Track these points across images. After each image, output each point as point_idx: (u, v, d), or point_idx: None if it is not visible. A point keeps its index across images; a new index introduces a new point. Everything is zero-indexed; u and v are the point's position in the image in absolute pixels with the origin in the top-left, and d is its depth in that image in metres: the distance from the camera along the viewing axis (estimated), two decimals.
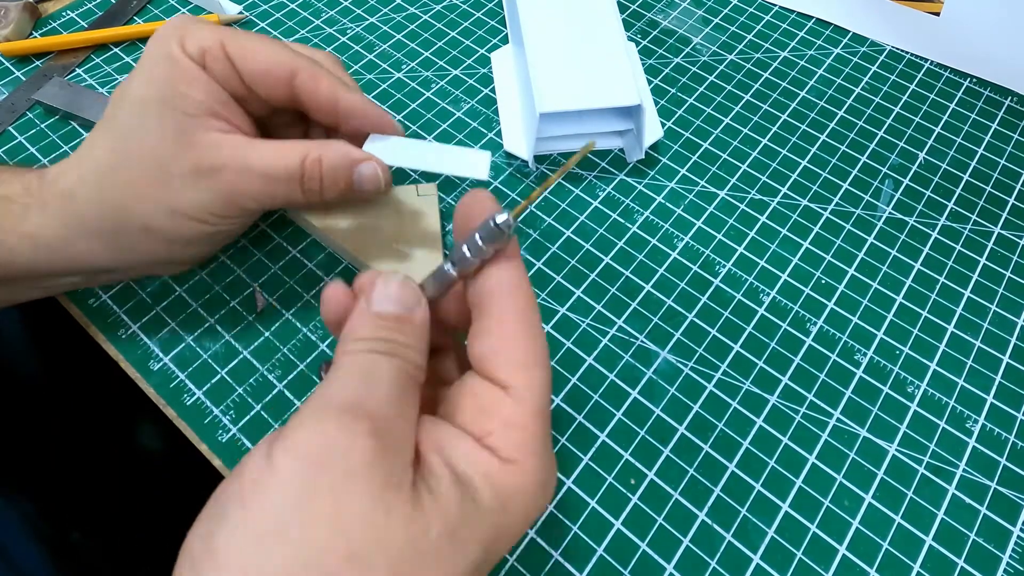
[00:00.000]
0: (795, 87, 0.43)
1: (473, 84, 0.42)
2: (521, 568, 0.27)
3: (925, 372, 0.32)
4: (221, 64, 0.27)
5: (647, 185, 0.38)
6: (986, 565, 0.28)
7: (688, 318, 0.34)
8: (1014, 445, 0.30)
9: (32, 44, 0.42)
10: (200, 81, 0.27)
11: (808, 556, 0.28)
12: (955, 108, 0.42)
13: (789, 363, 0.32)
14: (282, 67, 0.28)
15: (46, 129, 0.39)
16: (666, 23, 0.46)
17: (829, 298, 0.34)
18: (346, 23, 0.45)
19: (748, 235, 0.37)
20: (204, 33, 0.27)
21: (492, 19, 0.46)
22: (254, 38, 0.28)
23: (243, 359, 0.32)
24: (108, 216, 0.27)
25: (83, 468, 0.44)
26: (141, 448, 0.48)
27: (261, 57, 0.28)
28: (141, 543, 0.40)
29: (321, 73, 0.29)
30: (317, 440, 0.17)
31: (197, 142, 0.27)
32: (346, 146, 0.29)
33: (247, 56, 0.28)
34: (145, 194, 0.27)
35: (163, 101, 0.26)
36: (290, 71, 0.28)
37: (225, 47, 0.27)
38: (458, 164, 0.30)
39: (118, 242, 0.28)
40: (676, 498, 0.29)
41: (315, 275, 0.34)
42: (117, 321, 0.33)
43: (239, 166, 0.27)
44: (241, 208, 0.28)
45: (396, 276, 0.21)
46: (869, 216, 0.37)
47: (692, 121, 0.41)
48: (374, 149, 0.30)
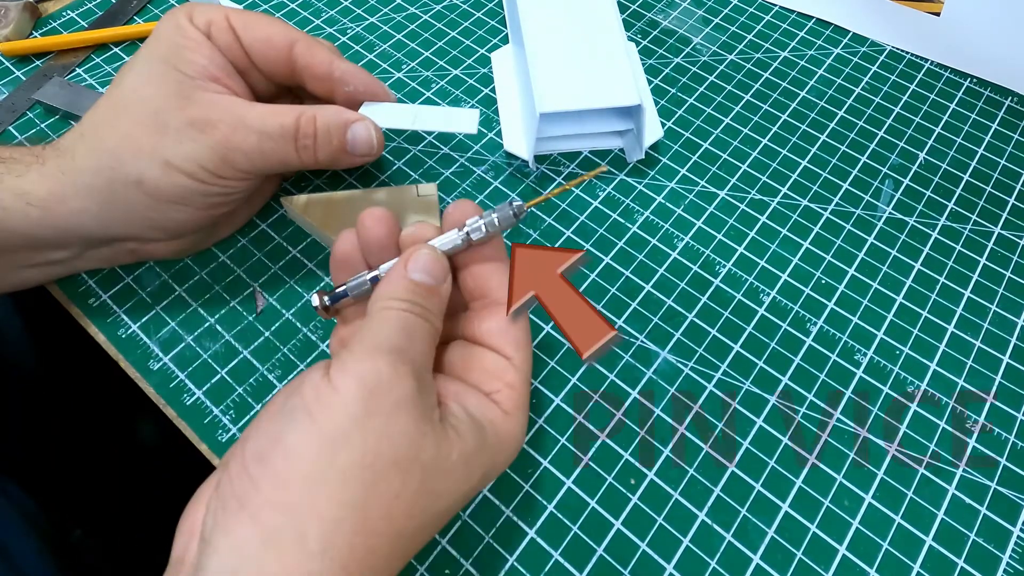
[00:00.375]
0: (795, 87, 0.43)
1: (473, 84, 0.42)
2: (521, 568, 0.27)
3: (925, 372, 0.32)
4: (225, 34, 0.30)
5: (647, 185, 0.38)
6: (986, 565, 0.28)
7: (688, 318, 0.34)
8: (1014, 445, 0.30)
9: (32, 44, 0.42)
10: (204, 48, 0.29)
11: (808, 556, 0.28)
12: (955, 108, 0.42)
13: (789, 363, 0.32)
14: (282, 37, 0.31)
15: (46, 129, 0.39)
16: (666, 23, 0.46)
17: (829, 298, 0.34)
18: (346, 23, 0.45)
19: (748, 235, 0.37)
20: (211, 9, 0.30)
21: (492, 19, 0.46)
22: (257, 14, 0.31)
23: (243, 359, 0.32)
24: (103, 167, 0.28)
25: (84, 467, 0.44)
26: (141, 448, 0.48)
27: (262, 27, 0.30)
28: (141, 543, 0.40)
29: (318, 44, 0.31)
30: (372, 373, 0.21)
31: (195, 98, 0.28)
32: (340, 108, 0.31)
33: (249, 26, 0.30)
34: (140, 144, 0.28)
35: (165, 60, 0.28)
36: (289, 41, 0.31)
37: (230, 19, 0.30)
38: (449, 122, 0.32)
39: (110, 198, 0.28)
40: (676, 498, 0.29)
41: (315, 275, 0.34)
42: (117, 321, 0.33)
43: (234, 121, 0.28)
44: (233, 165, 0.29)
45: (429, 250, 0.24)
46: (869, 216, 0.37)
47: (692, 121, 0.41)
48: (368, 112, 0.32)
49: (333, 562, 0.19)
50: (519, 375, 0.24)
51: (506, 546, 0.28)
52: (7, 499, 0.35)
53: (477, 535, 0.28)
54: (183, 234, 0.32)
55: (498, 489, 0.29)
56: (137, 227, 0.30)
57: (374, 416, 0.20)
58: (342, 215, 0.34)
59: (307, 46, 0.31)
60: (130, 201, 0.28)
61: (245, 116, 0.28)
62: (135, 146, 0.28)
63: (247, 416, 0.30)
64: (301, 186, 0.38)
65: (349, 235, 0.27)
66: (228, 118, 0.28)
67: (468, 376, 0.25)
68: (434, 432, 0.21)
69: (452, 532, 0.28)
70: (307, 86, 0.32)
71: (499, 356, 0.25)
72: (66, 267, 0.32)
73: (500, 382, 0.24)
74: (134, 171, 0.28)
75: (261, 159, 0.29)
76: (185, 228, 0.31)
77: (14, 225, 0.28)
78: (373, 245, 0.26)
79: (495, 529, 0.28)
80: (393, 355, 0.21)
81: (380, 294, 0.24)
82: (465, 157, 0.39)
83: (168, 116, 0.28)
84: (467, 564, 0.27)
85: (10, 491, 0.36)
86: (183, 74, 0.28)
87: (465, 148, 0.39)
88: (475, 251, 0.25)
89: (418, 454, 0.21)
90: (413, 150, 0.39)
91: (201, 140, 0.28)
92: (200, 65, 0.29)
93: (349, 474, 0.20)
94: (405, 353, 0.22)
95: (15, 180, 0.28)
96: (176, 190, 0.28)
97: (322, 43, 0.32)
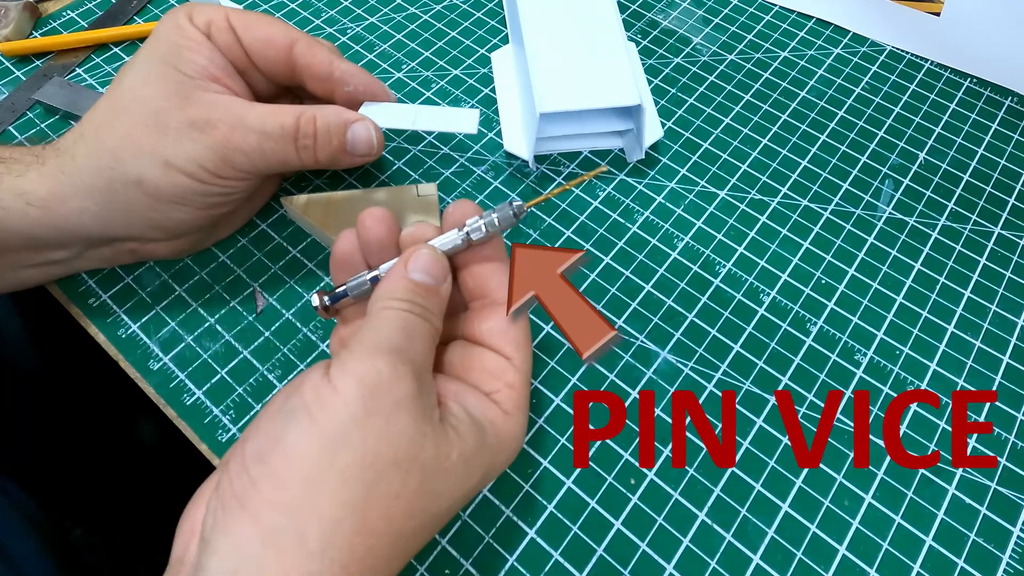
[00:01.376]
0: (795, 87, 0.43)
1: (473, 84, 0.42)
2: (521, 568, 0.27)
3: (925, 372, 0.32)
4: (225, 34, 0.30)
5: (647, 185, 0.38)
6: (986, 565, 0.28)
7: (688, 318, 0.34)
8: (1014, 445, 0.30)
9: (32, 44, 0.42)
10: (204, 48, 0.29)
11: (808, 556, 0.28)
12: (955, 108, 0.42)
13: (789, 363, 0.32)
14: (282, 36, 0.31)
15: (46, 129, 0.39)
16: (666, 23, 0.46)
17: (829, 298, 0.34)
18: (346, 23, 0.45)
19: (748, 235, 0.37)
20: (211, 9, 0.30)
21: (492, 19, 0.46)
22: (257, 14, 0.31)
23: (243, 359, 0.32)
24: (103, 167, 0.28)
25: (84, 467, 0.44)
26: (141, 447, 0.48)
27: (262, 27, 0.30)
28: (141, 542, 0.40)
29: (318, 44, 0.31)
30: (372, 373, 0.21)
31: (195, 98, 0.28)
32: (341, 108, 0.31)
33: (249, 26, 0.30)
34: (140, 144, 0.28)
35: (165, 60, 0.28)
36: (289, 41, 0.31)
37: (230, 19, 0.30)
38: (449, 121, 0.32)
39: (110, 199, 0.28)
40: (676, 498, 0.29)
41: (315, 275, 0.34)
42: (117, 321, 0.33)
43: (234, 121, 0.28)
44: (233, 166, 0.29)
45: (429, 251, 0.24)
46: (869, 216, 0.37)
47: (692, 121, 0.41)
48: (368, 112, 0.32)
49: (333, 562, 0.19)
50: (519, 375, 0.24)
51: (506, 546, 0.28)
52: (7, 498, 0.35)
53: (477, 535, 0.28)
54: (183, 234, 0.32)
55: (498, 489, 0.29)
56: (137, 227, 0.30)
57: (374, 416, 0.20)
58: (342, 215, 0.34)
59: (307, 46, 0.31)
60: (130, 201, 0.28)
61: (245, 116, 0.28)
62: (135, 146, 0.28)
63: (247, 416, 0.30)
64: (301, 186, 0.38)
65: (349, 235, 0.27)
66: (228, 118, 0.28)
67: (468, 376, 0.25)
68: (434, 432, 0.21)
69: (452, 532, 0.28)
70: (307, 86, 0.32)
71: (499, 356, 0.25)
72: (66, 267, 0.32)
73: (500, 382, 0.24)
74: (134, 171, 0.28)
75: (261, 159, 0.29)
76: (185, 228, 0.31)
77: (14, 225, 0.28)
78: (373, 245, 0.26)
79: (495, 529, 0.28)
80: (393, 355, 0.21)
81: (380, 294, 0.24)
82: (465, 157, 0.39)
83: (168, 116, 0.28)
84: (467, 564, 0.27)
85: (10, 491, 0.36)
86: (183, 74, 0.28)
87: (465, 148, 0.39)
88: (475, 251, 0.25)
89: (418, 454, 0.21)
90: (413, 150, 0.39)
91: (201, 140, 0.28)
92: (200, 65, 0.29)
93: (349, 474, 0.20)
94: (405, 353, 0.22)
95: (15, 180, 0.28)
96: (176, 190, 0.28)
97: (322, 43, 0.32)
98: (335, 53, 0.32)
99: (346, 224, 0.34)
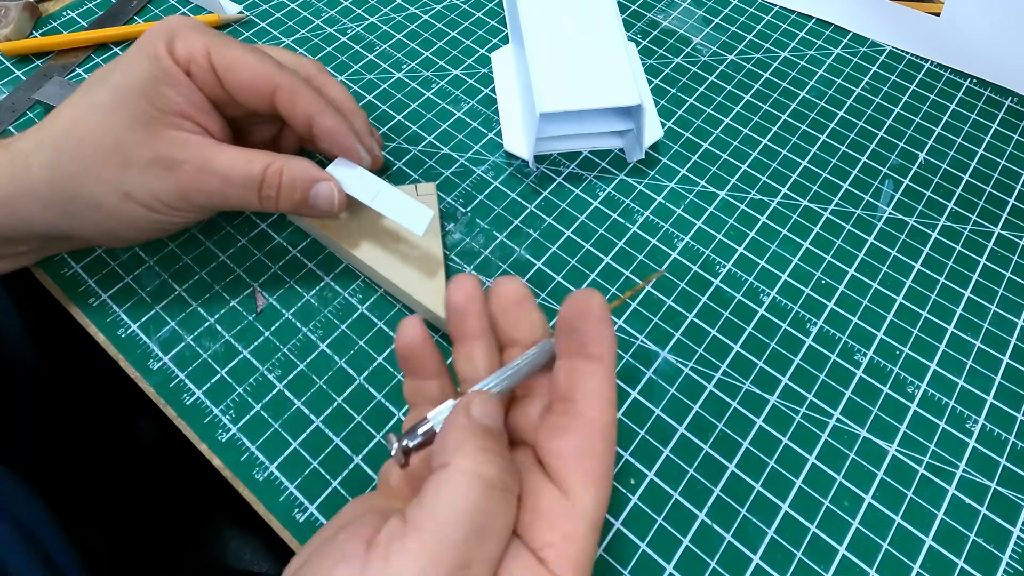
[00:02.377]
0: (795, 87, 0.43)
1: (473, 84, 0.42)
2: None
3: (925, 372, 0.32)
4: (205, 73, 0.29)
5: (647, 185, 0.38)
6: (986, 565, 0.28)
7: (688, 318, 0.34)
8: (1014, 445, 0.30)
9: (32, 44, 0.42)
10: (181, 84, 0.28)
11: (808, 556, 0.28)
12: (955, 108, 0.42)
13: (789, 363, 0.32)
14: (264, 82, 0.29)
15: None
16: (666, 23, 0.46)
17: (829, 298, 0.34)
18: (346, 23, 0.45)
19: (748, 235, 0.37)
20: (193, 39, 0.28)
21: (492, 19, 0.46)
22: (241, 49, 0.29)
23: (243, 359, 0.32)
24: (59, 185, 0.28)
25: (84, 467, 0.44)
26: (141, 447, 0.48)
27: (245, 72, 0.29)
28: (141, 542, 0.40)
29: (300, 92, 0.30)
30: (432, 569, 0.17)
31: (163, 136, 0.28)
32: (309, 163, 0.30)
33: (231, 68, 0.29)
34: (99, 173, 0.27)
35: (140, 93, 0.27)
36: (271, 87, 0.29)
37: (211, 57, 0.28)
38: (402, 214, 0.31)
39: (67, 211, 0.28)
40: (676, 498, 0.29)
41: (315, 275, 0.34)
42: (117, 321, 0.33)
43: (200, 164, 0.28)
44: (192, 203, 0.29)
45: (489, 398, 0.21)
46: (869, 216, 0.37)
47: (692, 121, 0.41)
48: (336, 172, 0.31)
49: None
50: (582, 524, 0.19)
51: None
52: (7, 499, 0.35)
53: None
54: (140, 243, 0.32)
55: None
56: (90, 234, 0.30)
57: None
58: (341, 215, 0.34)
59: (289, 96, 0.29)
60: (86, 218, 0.28)
61: (212, 160, 0.28)
62: (96, 176, 0.27)
63: (247, 416, 0.30)
64: None
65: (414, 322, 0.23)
66: (195, 160, 0.28)
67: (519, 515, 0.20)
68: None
69: None
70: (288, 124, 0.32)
71: (556, 490, 0.20)
72: (30, 257, 0.33)
73: (556, 532, 0.19)
74: (91, 196, 0.28)
75: (222, 201, 0.29)
76: (141, 242, 0.31)
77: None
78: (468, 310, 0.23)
79: None
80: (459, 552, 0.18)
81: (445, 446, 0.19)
82: (465, 157, 0.39)
83: (132, 151, 0.27)
84: None
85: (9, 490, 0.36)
86: (155, 107, 0.28)
87: (465, 148, 0.39)
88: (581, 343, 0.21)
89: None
90: (413, 150, 0.39)
91: (165, 178, 0.28)
92: (174, 102, 0.28)
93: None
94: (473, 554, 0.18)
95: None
96: (133, 217, 0.28)
97: (306, 89, 0.30)
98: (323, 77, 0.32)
99: (345, 224, 0.34)
